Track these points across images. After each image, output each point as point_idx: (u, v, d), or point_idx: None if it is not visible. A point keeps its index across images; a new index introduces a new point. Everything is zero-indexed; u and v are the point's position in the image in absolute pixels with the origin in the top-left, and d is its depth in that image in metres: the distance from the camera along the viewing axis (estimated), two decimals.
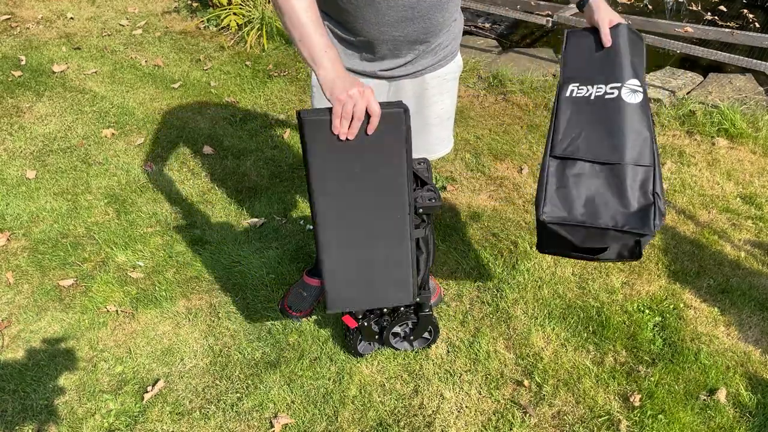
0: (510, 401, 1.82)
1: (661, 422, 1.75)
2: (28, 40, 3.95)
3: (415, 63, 1.59)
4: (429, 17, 1.46)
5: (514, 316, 2.08)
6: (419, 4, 1.42)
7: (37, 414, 1.79)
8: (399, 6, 1.41)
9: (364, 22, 1.45)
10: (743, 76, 3.57)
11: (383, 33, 1.47)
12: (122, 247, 2.37)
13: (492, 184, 2.75)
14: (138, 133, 3.07)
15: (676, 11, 4.82)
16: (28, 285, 2.21)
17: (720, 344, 1.99)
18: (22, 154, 2.88)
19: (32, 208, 2.55)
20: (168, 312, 2.11)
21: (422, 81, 1.67)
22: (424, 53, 1.58)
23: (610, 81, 1.52)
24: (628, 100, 1.49)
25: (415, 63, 1.59)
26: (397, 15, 1.43)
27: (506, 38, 4.38)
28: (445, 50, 1.63)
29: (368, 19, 1.44)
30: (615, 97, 1.50)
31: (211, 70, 3.70)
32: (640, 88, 1.51)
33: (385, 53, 1.53)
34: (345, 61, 1.54)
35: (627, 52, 1.54)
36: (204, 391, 1.86)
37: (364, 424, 1.76)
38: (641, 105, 1.50)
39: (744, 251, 2.36)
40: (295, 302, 2.08)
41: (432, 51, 1.58)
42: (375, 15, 1.43)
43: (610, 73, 1.53)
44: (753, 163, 2.87)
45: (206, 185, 2.72)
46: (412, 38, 1.50)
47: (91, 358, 1.95)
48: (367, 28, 1.46)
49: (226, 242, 2.40)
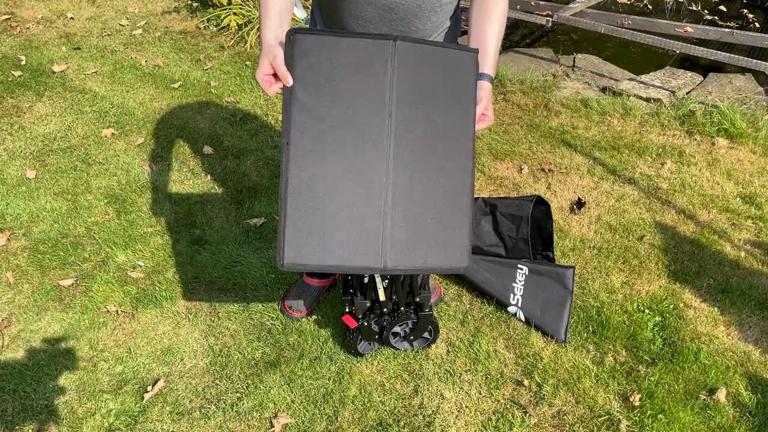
0: (510, 401, 1.82)
1: (661, 422, 1.75)
2: (28, 40, 3.95)
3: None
4: (408, 22, 1.45)
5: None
6: (397, 7, 1.41)
7: (37, 414, 1.79)
8: (376, 4, 1.41)
9: (347, 15, 1.47)
10: (743, 76, 3.57)
11: (360, 28, 1.48)
12: (122, 247, 2.37)
13: (492, 184, 2.75)
14: (138, 133, 3.07)
15: (676, 11, 4.82)
16: (28, 285, 2.21)
17: (720, 344, 1.99)
18: (22, 154, 2.88)
19: (32, 208, 2.55)
20: (168, 312, 2.11)
21: None
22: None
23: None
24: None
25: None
26: (374, 12, 1.43)
27: (506, 38, 4.38)
28: None
29: (350, 11, 1.45)
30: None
31: (211, 70, 3.70)
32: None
33: None
34: None
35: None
36: (204, 390, 1.86)
37: (364, 423, 1.76)
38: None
39: (744, 251, 2.36)
40: (295, 302, 2.08)
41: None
42: (354, 8, 1.44)
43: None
44: (753, 163, 2.87)
45: (206, 185, 2.72)
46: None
47: (91, 358, 1.95)
48: (349, 22, 1.48)
49: (226, 242, 2.40)
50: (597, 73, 3.74)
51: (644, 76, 3.62)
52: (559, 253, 2.34)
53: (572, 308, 2.07)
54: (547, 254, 2.23)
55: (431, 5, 1.43)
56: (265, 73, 1.31)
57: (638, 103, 3.33)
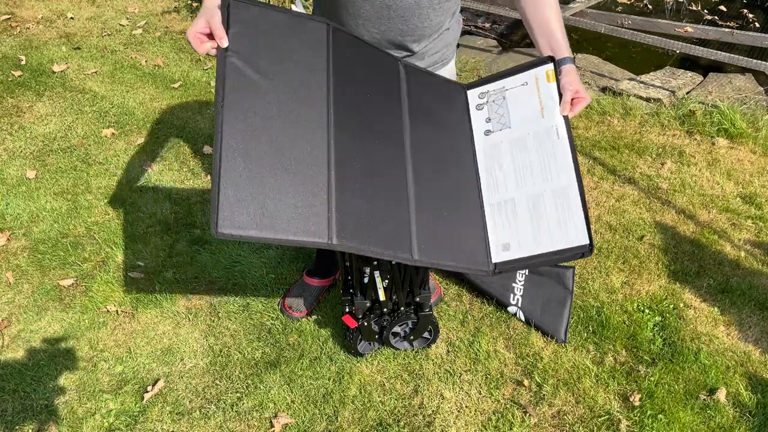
0: (510, 401, 1.82)
1: (661, 422, 1.75)
2: (28, 40, 3.95)
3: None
4: (406, 20, 1.45)
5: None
6: (395, 4, 1.41)
7: (37, 414, 1.79)
8: (374, 2, 1.41)
9: (346, 13, 1.46)
10: (743, 76, 3.57)
11: (360, 27, 1.47)
12: (122, 247, 2.37)
13: None
14: (138, 133, 3.07)
15: (676, 11, 4.82)
16: (28, 285, 2.21)
17: (720, 344, 1.99)
18: (22, 154, 2.88)
19: (32, 208, 2.55)
20: (168, 312, 2.11)
21: None
22: (406, 57, 1.55)
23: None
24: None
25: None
26: (372, 11, 1.42)
27: (506, 38, 4.38)
28: (434, 56, 1.60)
29: (348, 10, 1.45)
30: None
31: (211, 69, 3.70)
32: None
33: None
34: None
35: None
36: (204, 390, 1.86)
37: (364, 423, 1.76)
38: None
39: (744, 251, 2.36)
40: (295, 302, 2.08)
41: (418, 55, 1.56)
42: (352, 7, 1.44)
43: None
44: (753, 163, 2.87)
45: (206, 185, 2.72)
46: (390, 39, 1.48)
47: (91, 358, 1.95)
48: (349, 21, 1.47)
49: (226, 242, 2.40)
50: (597, 72, 3.74)
51: (644, 76, 3.62)
52: None
53: (572, 308, 2.07)
54: None
55: (429, 2, 1.43)
56: (198, 30, 1.26)
57: (638, 103, 3.33)
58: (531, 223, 1.45)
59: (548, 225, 1.42)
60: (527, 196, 1.46)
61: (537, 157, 1.47)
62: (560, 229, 1.41)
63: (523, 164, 1.48)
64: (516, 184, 1.49)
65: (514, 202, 1.48)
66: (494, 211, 1.51)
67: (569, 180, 1.42)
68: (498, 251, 1.48)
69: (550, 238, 1.41)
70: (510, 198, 1.49)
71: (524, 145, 1.49)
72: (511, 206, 1.48)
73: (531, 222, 1.45)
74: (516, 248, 1.46)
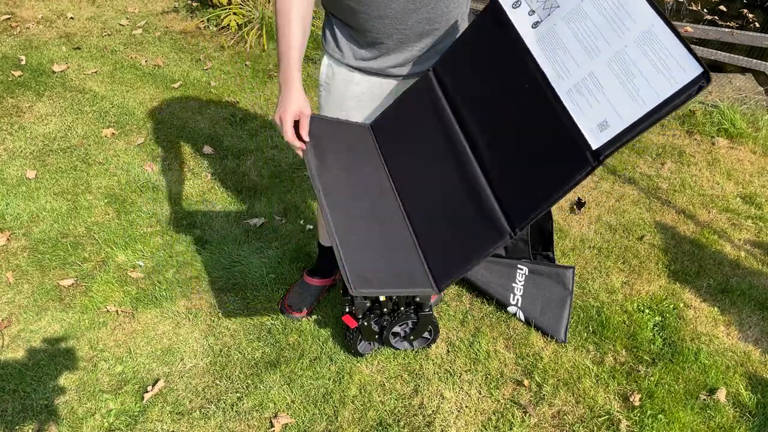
0: (510, 401, 1.82)
1: (661, 422, 1.75)
2: (28, 39, 3.95)
3: (423, 61, 1.59)
4: (432, 6, 1.47)
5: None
6: None
7: (37, 414, 1.79)
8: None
9: (368, 17, 1.45)
10: (743, 76, 3.57)
11: (387, 26, 1.47)
12: (122, 247, 2.37)
13: None
14: (138, 133, 3.07)
15: (676, 11, 4.82)
16: (28, 285, 2.21)
17: (720, 344, 1.99)
18: (22, 153, 2.88)
19: (32, 208, 2.55)
20: (168, 312, 2.11)
21: None
22: (432, 49, 1.57)
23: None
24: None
25: (422, 61, 1.59)
26: (399, 6, 1.43)
27: None
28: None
29: (371, 13, 1.44)
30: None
31: (211, 70, 3.70)
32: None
33: (392, 47, 1.53)
34: (354, 60, 1.55)
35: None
36: (204, 390, 1.86)
37: (364, 423, 1.76)
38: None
39: (744, 251, 2.36)
40: (295, 302, 2.08)
41: (439, 50, 1.58)
42: (377, 9, 1.43)
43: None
44: (753, 163, 2.87)
45: (206, 185, 2.72)
46: (417, 30, 1.50)
47: (91, 358, 1.95)
48: (372, 23, 1.47)
49: (226, 242, 2.40)
50: None
51: None
52: (559, 253, 2.34)
53: (572, 308, 2.07)
54: (547, 254, 2.23)
55: None
56: (293, 132, 1.46)
57: None
58: (623, 86, 1.23)
59: (645, 77, 1.21)
60: (606, 61, 1.26)
61: (601, 17, 1.28)
62: (661, 74, 1.18)
63: (588, 33, 1.30)
64: (588, 57, 1.29)
65: (594, 75, 1.28)
66: (573, 96, 1.31)
67: (649, 19, 1.21)
68: (595, 135, 1.27)
69: (653, 89, 1.19)
70: (587, 74, 1.30)
71: (581, 13, 1.31)
72: (592, 81, 1.28)
73: (623, 85, 1.23)
74: (616, 120, 1.24)
